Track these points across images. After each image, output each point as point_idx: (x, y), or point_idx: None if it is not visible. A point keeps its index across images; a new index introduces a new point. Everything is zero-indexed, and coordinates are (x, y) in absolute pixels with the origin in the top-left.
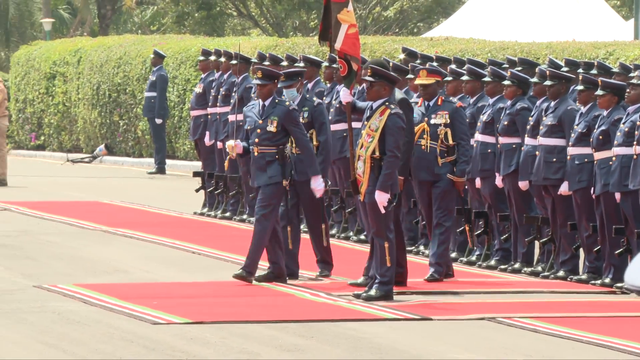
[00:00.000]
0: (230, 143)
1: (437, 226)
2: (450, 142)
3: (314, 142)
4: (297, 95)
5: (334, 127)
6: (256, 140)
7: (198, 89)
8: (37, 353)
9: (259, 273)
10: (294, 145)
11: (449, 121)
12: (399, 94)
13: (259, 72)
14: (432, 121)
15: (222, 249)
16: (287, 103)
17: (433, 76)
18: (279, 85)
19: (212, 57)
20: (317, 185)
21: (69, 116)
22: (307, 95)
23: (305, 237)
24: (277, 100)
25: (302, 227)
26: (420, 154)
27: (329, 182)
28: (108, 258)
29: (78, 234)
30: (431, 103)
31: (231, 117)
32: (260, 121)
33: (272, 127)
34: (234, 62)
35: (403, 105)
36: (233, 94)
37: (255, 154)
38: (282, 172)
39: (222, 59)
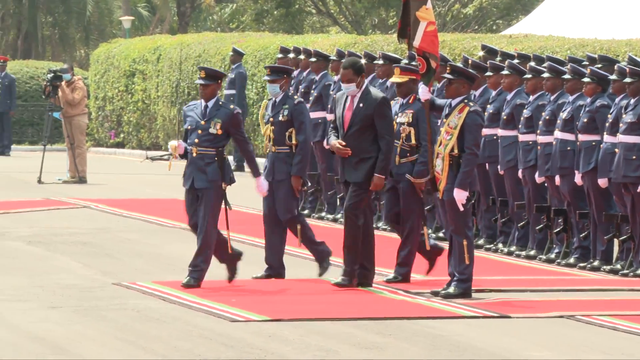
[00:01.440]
0: (173, 143)
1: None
2: (413, 141)
3: (293, 141)
4: (280, 92)
5: None
6: (196, 140)
7: None
8: (116, 350)
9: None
10: (272, 143)
11: (411, 120)
12: (378, 92)
13: (202, 71)
14: (398, 120)
15: (300, 246)
16: (232, 106)
17: (406, 74)
18: (264, 79)
19: (291, 55)
20: (260, 185)
21: (148, 114)
22: (290, 94)
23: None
24: (220, 103)
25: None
26: None
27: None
28: (187, 255)
29: (157, 232)
30: (404, 101)
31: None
32: (203, 122)
33: (215, 130)
34: (313, 59)
35: (383, 103)
36: (312, 91)
37: (194, 154)
38: (222, 174)
39: (301, 57)
